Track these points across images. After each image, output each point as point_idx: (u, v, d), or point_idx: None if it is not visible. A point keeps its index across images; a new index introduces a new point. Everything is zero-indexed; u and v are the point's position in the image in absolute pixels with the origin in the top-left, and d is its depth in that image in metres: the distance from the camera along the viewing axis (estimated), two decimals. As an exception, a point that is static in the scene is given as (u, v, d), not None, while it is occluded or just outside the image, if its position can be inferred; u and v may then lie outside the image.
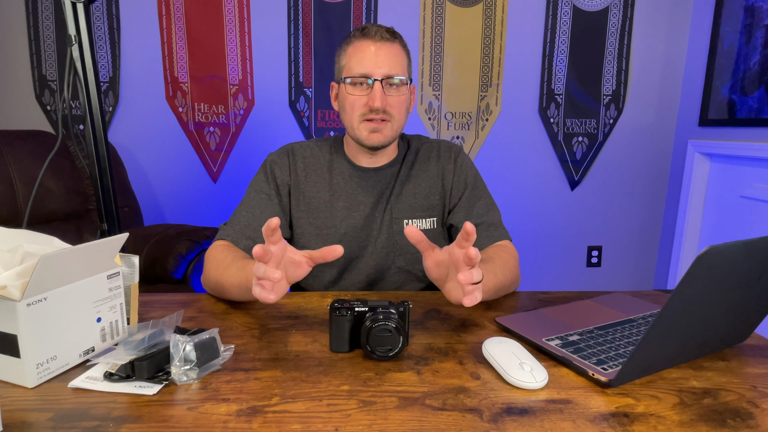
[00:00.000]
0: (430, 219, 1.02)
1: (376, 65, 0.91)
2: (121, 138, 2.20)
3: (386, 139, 0.95)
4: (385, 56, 0.91)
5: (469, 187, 1.02)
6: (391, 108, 0.93)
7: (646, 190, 2.49)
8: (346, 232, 0.99)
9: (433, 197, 1.02)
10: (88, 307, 0.62)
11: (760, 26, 1.95)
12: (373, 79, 0.91)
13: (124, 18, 2.13)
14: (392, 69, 0.92)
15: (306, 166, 1.02)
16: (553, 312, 0.79)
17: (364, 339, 0.62)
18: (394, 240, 1.00)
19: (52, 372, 0.58)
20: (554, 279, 2.53)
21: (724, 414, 0.52)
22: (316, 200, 1.00)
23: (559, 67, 2.32)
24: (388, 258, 1.01)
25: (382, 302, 0.65)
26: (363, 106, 0.92)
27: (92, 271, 0.62)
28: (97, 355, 0.62)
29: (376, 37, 0.91)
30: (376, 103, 0.90)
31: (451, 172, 1.03)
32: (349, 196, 1.00)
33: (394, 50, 0.93)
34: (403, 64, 0.94)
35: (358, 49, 0.92)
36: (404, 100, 0.95)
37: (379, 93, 0.90)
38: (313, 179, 1.01)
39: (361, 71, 0.91)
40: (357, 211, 1.00)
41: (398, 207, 1.01)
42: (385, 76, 0.91)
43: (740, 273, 0.53)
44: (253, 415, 0.51)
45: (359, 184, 1.01)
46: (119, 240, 0.64)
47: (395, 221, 1.00)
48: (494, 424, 0.50)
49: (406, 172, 1.03)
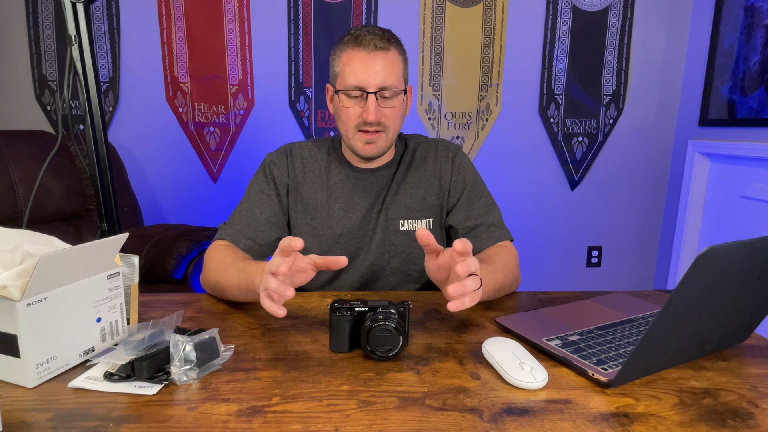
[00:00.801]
0: (426, 220, 1.02)
1: (371, 77, 0.88)
2: (121, 138, 2.20)
3: (380, 150, 0.95)
4: (379, 67, 0.89)
5: (468, 186, 1.02)
6: (386, 119, 0.92)
7: (646, 190, 2.49)
8: (343, 233, 0.99)
9: (430, 198, 1.02)
10: (88, 307, 0.62)
11: (760, 26, 1.95)
12: (367, 92, 0.89)
13: (124, 18, 2.13)
14: (387, 80, 0.89)
15: (304, 166, 1.02)
16: (553, 312, 0.79)
17: (364, 339, 0.62)
18: (390, 241, 1.00)
19: (52, 372, 0.58)
20: (554, 279, 2.53)
21: (724, 414, 0.52)
22: (313, 201, 1.00)
23: (559, 67, 2.32)
24: (383, 259, 1.00)
25: (382, 302, 0.65)
26: (357, 118, 0.91)
27: (92, 271, 0.62)
28: (97, 355, 0.62)
29: (370, 47, 0.88)
30: (370, 117, 0.89)
31: (448, 172, 1.02)
32: (346, 197, 1.00)
33: (388, 59, 0.90)
34: (398, 72, 0.92)
35: (353, 58, 0.89)
36: (399, 110, 0.94)
37: (374, 107, 0.89)
38: (311, 180, 1.01)
39: (355, 83, 0.89)
40: (353, 213, 1.00)
41: (393, 208, 1.00)
42: (380, 88, 0.89)
43: (740, 273, 0.53)
44: (253, 415, 0.51)
45: (356, 186, 1.01)
46: (119, 240, 0.64)
47: (390, 222, 1.00)
48: (494, 424, 0.50)
49: (403, 173, 1.02)
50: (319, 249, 1.00)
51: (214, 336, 0.62)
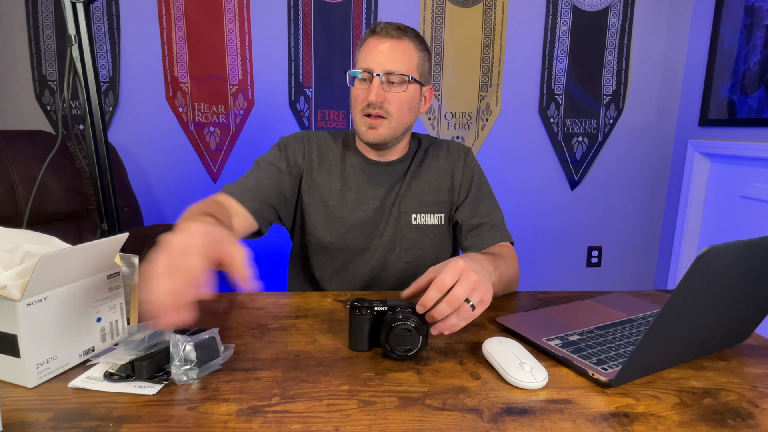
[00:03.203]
0: (438, 215, 1.03)
1: (378, 61, 0.91)
2: (121, 138, 2.20)
3: (381, 136, 0.94)
4: (388, 52, 0.91)
5: (476, 186, 1.04)
6: (389, 105, 0.92)
7: (646, 190, 2.49)
8: (356, 224, 1.00)
9: (442, 193, 1.03)
10: (89, 307, 0.62)
11: (760, 26, 1.95)
12: (373, 74, 0.91)
13: (124, 18, 2.13)
14: (394, 65, 0.91)
15: (320, 153, 1.03)
16: (553, 312, 0.79)
17: (383, 338, 0.62)
18: (402, 234, 1.01)
19: (52, 372, 0.58)
20: (554, 279, 2.53)
21: (724, 414, 0.52)
22: (327, 188, 1.01)
23: (559, 67, 2.32)
24: (393, 252, 1.01)
25: (401, 302, 0.65)
26: (363, 101, 0.93)
27: (92, 271, 0.62)
28: (97, 355, 0.62)
29: (382, 33, 0.92)
30: (371, 96, 0.90)
31: (460, 170, 1.04)
32: (360, 188, 1.01)
33: (400, 47, 0.92)
34: (409, 61, 0.93)
35: (367, 44, 0.94)
36: (405, 99, 0.94)
37: (376, 87, 0.90)
38: (326, 168, 1.02)
39: (364, 66, 0.92)
40: (367, 204, 1.01)
41: (407, 201, 1.01)
42: (386, 72, 0.91)
43: (740, 273, 0.53)
44: (253, 415, 0.51)
45: (369, 177, 1.01)
46: (119, 240, 0.64)
47: (403, 215, 1.01)
48: (494, 424, 0.50)
49: (416, 168, 1.04)
50: (332, 236, 1.00)
51: (214, 336, 0.62)
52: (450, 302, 0.59)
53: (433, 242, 1.03)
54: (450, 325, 0.61)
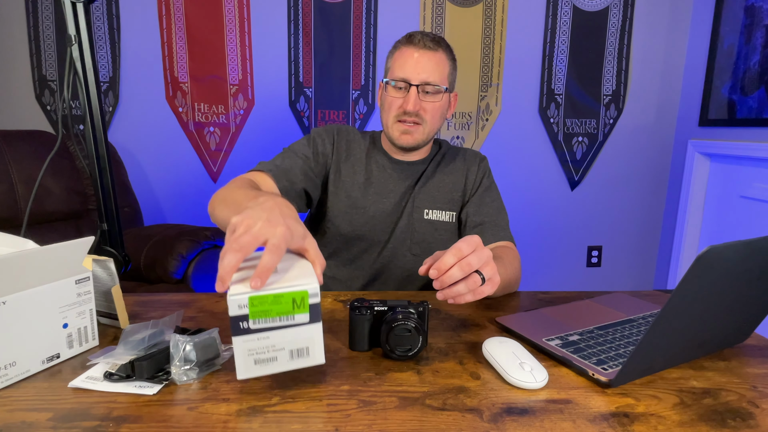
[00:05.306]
0: (450, 212, 1.08)
1: (415, 71, 0.96)
2: (121, 138, 2.20)
3: (416, 141, 1.01)
4: (425, 64, 0.97)
5: (484, 187, 1.09)
6: (425, 113, 0.99)
7: (646, 190, 2.49)
8: (374, 215, 1.05)
9: (455, 193, 1.08)
10: (53, 312, 0.59)
11: (760, 26, 1.95)
12: (411, 84, 0.96)
13: (124, 18, 2.13)
14: (430, 76, 0.97)
15: (348, 147, 1.08)
16: (553, 312, 0.79)
17: (383, 338, 0.62)
18: (414, 228, 1.06)
19: (11, 378, 0.56)
20: (554, 279, 2.53)
21: (724, 414, 0.52)
22: (350, 180, 1.06)
23: (559, 67, 2.32)
24: (404, 244, 1.06)
25: (402, 302, 0.65)
26: (398, 108, 0.99)
27: (58, 275, 0.59)
28: (97, 356, 0.62)
29: (419, 45, 0.97)
30: (409, 106, 0.97)
31: (474, 173, 1.09)
32: (382, 183, 1.06)
33: (435, 59, 0.97)
34: (443, 72, 0.99)
35: (403, 54, 0.99)
36: (439, 107, 1.00)
37: (414, 97, 0.96)
38: (352, 161, 1.07)
39: (401, 75, 0.97)
40: (387, 198, 1.06)
41: (420, 197, 1.06)
42: (423, 83, 0.97)
43: (740, 273, 0.53)
44: (253, 415, 0.51)
45: (391, 175, 1.07)
46: (85, 243, 0.62)
47: (416, 209, 1.06)
48: (494, 424, 0.50)
49: (434, 169, 1.09)
50: (351, 225, 1.05)
51: (214, 336, 0.62)
52: (462, 267, 0.60)
53: (443, 238, 1.07)
54: (456, 293, 0.62)
